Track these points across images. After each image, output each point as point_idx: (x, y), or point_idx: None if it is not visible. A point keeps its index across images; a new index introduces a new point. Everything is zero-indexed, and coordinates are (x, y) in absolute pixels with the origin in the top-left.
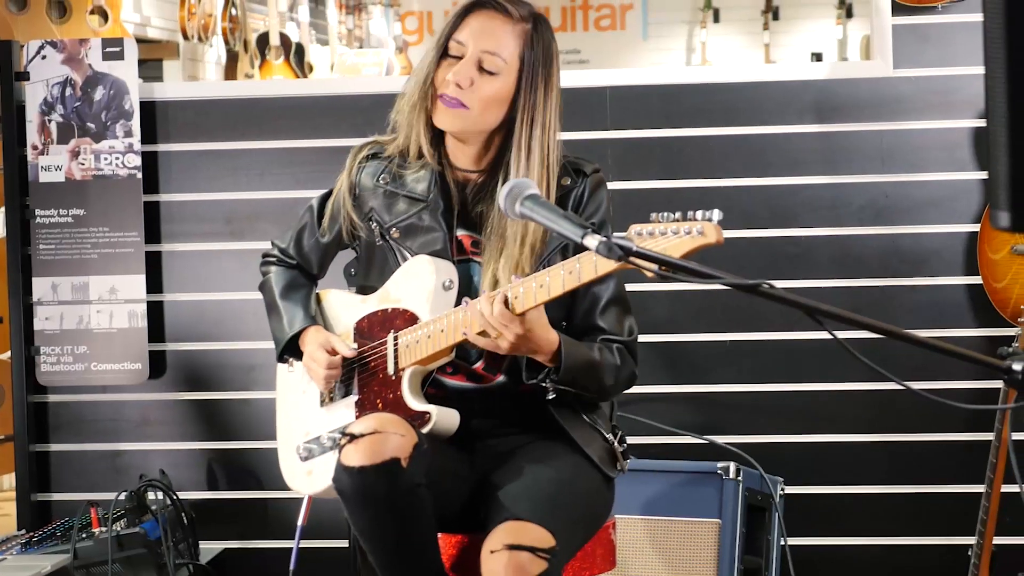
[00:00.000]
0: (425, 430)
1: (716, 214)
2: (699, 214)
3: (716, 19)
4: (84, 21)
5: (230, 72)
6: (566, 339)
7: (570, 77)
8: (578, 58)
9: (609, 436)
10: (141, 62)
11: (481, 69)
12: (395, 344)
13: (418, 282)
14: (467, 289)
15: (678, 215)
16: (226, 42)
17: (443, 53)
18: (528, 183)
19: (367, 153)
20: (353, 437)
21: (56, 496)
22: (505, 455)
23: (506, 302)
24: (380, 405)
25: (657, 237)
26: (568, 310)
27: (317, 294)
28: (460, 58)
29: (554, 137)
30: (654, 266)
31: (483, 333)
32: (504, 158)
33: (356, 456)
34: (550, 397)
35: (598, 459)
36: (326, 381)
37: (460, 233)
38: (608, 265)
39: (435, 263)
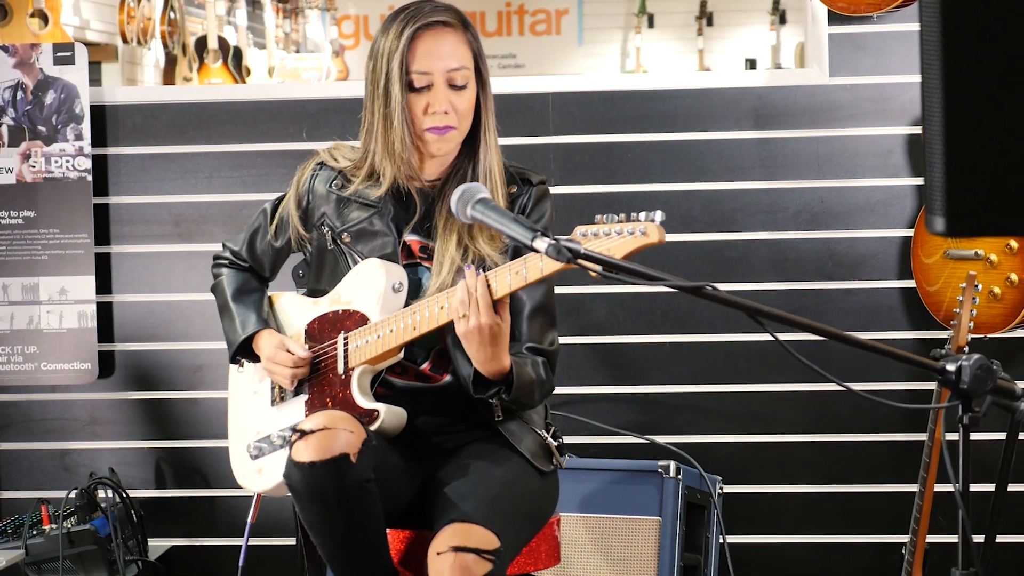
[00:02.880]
0: (374, 427)
1: (659, 215)
2: (642, 215)
3: (651, 24)
4: (25, 24)
5: (168, 75)
6: (514, 360)
7: (513, 83)
8: (514, 62)
9: (542, 432)
10: None
11: (452, 87)
12: (345, 344)
13: (369, 284)
14: (416, 292)
15: (622, 216)
16: (165, 45)
17: (408, 88)
18: (479, 187)
19: (319, 161)
20: (303, 433)
21: (6, 494)
22: (451, 453)
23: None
24: (330, 404)
25: (601, 238)
26: None
27: (269, 297)
28: (428, 87)
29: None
30: (600, 268)
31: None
32: (458, 161)
33: (306, 452)
34: (498, 418)
35: (531, 455)
36: (292, 380)
37: (409, 238)
38: (554, 265)
39: (385, 266)
